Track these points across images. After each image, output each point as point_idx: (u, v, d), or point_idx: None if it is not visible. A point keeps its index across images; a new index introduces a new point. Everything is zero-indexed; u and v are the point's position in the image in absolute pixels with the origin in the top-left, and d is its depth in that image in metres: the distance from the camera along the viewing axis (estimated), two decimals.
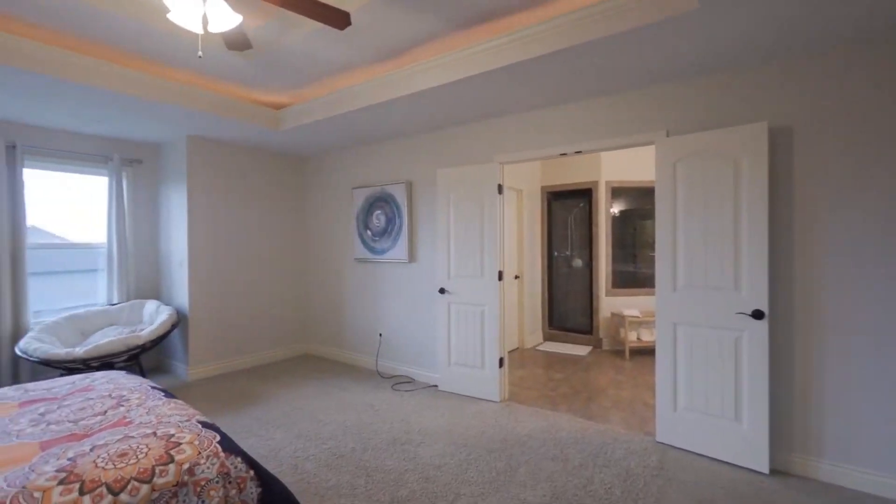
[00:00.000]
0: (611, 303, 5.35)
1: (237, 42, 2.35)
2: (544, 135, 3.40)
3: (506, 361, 3.70)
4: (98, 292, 4.37)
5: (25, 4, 2.30)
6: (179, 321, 4.19)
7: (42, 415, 1.73)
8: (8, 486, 1.20)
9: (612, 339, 5.27)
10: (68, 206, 4.20)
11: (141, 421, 1.65)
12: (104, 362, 3.48)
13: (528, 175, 5.54)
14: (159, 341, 3.83)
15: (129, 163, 4.41)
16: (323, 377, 4.28)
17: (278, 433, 3.02)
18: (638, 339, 5.06)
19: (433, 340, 4.08)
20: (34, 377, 3.77)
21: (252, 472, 1.55)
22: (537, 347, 5.45)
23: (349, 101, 3.42)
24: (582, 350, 5.26)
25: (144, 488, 1.30)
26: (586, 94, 3.08)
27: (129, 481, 1.29)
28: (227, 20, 1.89)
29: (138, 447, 1.43)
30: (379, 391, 3.86)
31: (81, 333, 3.90)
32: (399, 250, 4.29)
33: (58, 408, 1.80)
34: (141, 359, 4.16)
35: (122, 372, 2.35)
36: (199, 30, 1.81)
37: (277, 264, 5.01)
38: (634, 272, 5.48)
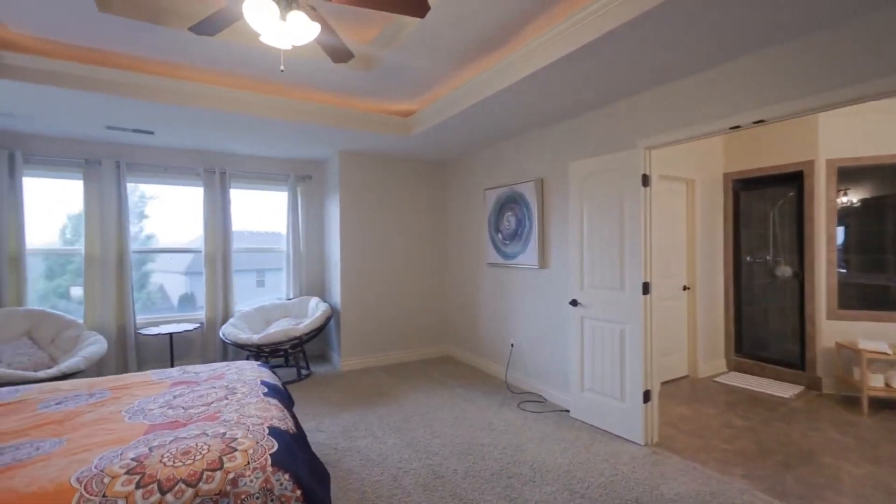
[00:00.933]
0: (837, 328, 3.83)
1: (339, 54, 2.41)
2: (705, 105, 2.57)
3: (654, 395, 2.95)
4: (282, 288, 5.26)
5: (203, 53, 2.81)
6: (332, 316, 4.69)
7: (174, 398, 2.03)
8: (95, 466, 1.39)
9: (839, 380, 3.76)
10: (259, 217, 5.18)
11: (225, 418, 1.77)
12: (273, 348, 4.12)
13: (703, 160, 4.41)
14: (315, 334, 4.35)
15: (302, 179, 5.17)
16: (453, 384, 4.20)
17: (392, 438, 3.03)
18: (886, 385, 3.47)
19: (566, 358, 3.56)
20: (235, 357, 4.72)
21: (299, 493, 1.48)
22: (716, 378, 4.29)
23: (469, 96, 3.23)
24: (785, 390, 3.91)
25: (189, 492, 1.34)
26: (777, 35, 2.18)
27: (177, 482, 1.35)
28: (307, 31, 1.92)
29: (202, 446, 1.52)
30: (503, 408, 3.56)
31: (266, 322, 4.73)
32: (529, 255, 3.90)
33: (189, 392, 2.10)
34: (305, 348, 4.81)
35: (254, 363, 2.67)
36: (286, 46, 1.87)
37: (418, 267, 5.18)
38: (886, 287, 3.79)
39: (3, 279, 3.82)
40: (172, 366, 4.33)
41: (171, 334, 4.15)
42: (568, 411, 3.45)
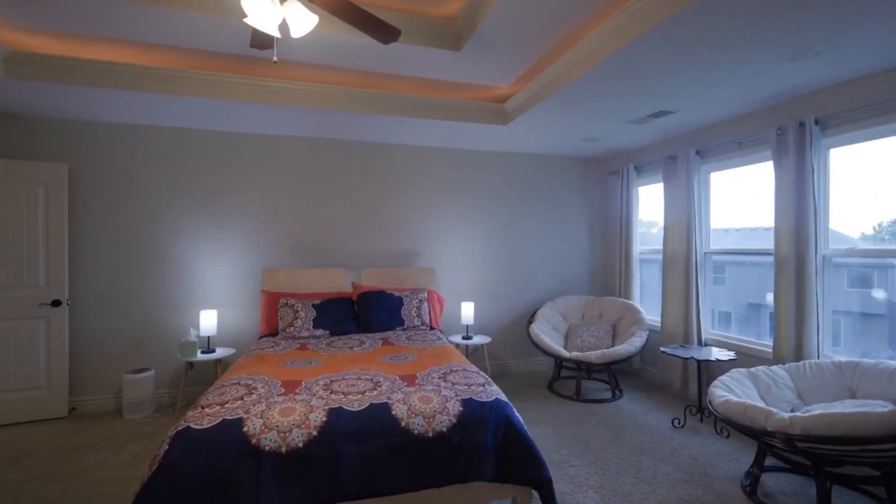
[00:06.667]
0: None
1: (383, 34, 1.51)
2: None
3: None
4: None
5: None
6: None
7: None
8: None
9: None
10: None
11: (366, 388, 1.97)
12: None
13: None
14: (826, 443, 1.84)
15: None
16: None
17: None
18: None
19: None
20: None
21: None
22: None
23: None
24: None
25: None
26: None
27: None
28: (305, 22, 1.68)
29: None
30: None
31: (850, 392, 2.43)
32: None
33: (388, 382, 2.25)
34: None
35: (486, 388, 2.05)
36: (276, 33, 1.73)
37: None
38: None
39: (621, 274, 4.59)
40: (702, 401, 3.29)
41: (697, 361, 3.20)
42: None
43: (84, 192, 3.50)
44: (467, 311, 4.05)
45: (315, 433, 1.77)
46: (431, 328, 3.77)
